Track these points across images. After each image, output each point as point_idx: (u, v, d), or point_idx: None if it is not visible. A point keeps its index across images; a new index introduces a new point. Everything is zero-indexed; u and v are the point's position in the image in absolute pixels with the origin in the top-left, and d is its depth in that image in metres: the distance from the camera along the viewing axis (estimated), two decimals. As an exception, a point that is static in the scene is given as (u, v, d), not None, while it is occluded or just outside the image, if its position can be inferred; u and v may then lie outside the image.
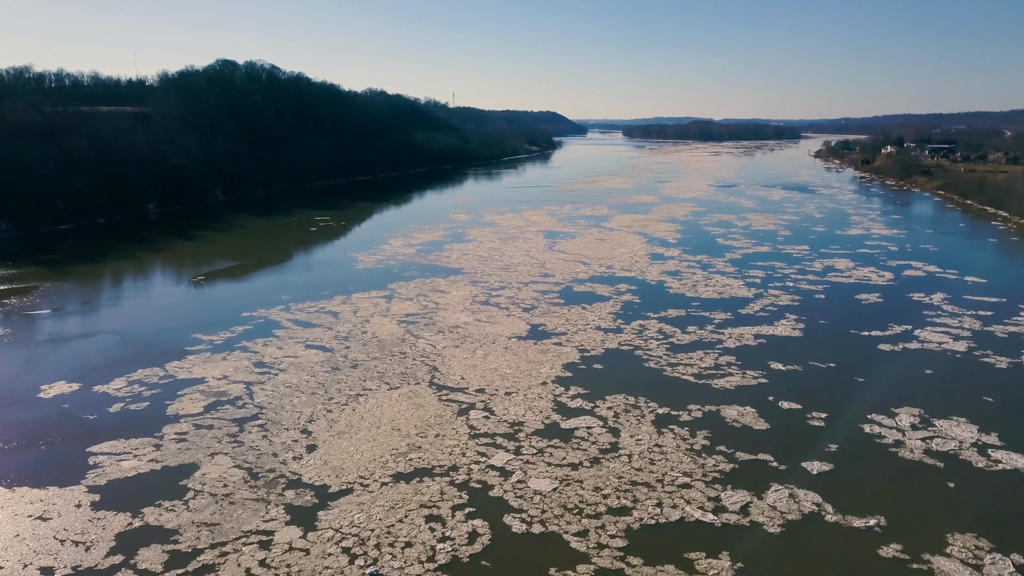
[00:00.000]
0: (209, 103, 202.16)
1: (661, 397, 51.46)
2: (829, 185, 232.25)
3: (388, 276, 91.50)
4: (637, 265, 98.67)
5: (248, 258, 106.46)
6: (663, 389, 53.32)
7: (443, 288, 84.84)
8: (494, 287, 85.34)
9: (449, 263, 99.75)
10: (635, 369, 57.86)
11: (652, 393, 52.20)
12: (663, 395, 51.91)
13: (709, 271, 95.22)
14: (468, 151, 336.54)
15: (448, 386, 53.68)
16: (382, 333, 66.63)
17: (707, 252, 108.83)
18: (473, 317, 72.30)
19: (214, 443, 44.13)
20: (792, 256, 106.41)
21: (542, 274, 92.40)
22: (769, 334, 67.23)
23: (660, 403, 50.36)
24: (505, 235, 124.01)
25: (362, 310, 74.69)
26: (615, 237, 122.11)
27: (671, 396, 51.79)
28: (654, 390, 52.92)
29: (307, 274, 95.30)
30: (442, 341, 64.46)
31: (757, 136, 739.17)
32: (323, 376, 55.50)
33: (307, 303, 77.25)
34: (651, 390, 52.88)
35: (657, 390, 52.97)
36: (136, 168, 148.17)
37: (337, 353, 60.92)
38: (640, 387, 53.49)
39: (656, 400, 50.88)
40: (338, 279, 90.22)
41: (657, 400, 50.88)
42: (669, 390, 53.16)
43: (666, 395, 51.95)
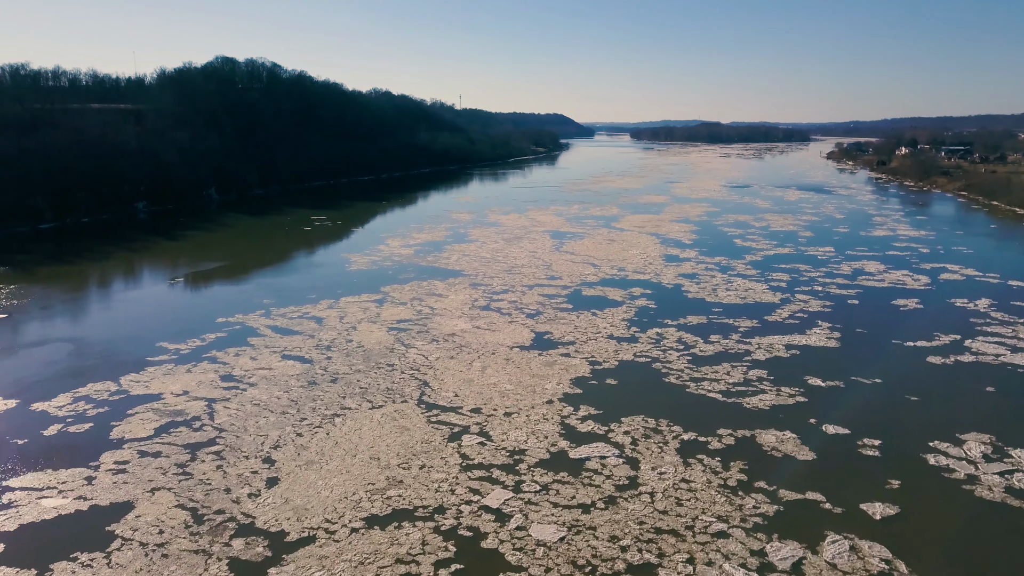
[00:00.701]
0: (205, 100, 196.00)
1: (686, 419, 44.32)
2: (846, 186, 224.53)
3: (382, 278, 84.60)
4: (651, 267, 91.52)
5: (234, 259, 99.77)
6: (687, 409, 46.18)
7: (440, 291, 77.90)
8: (496, 291, 78.36)
9: (448, 265, 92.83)
10: (654, 385, 50.73)
11: (675, 414, 45.06)
12: (688, 417, 44.77)
13: (729, 274, 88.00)
14: (474, 152, 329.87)
15: (439, 405, 46.66)
16: (369, 342, 59.67)
17: (725, 254, 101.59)
18: (472, 324, 65.32)
19: (157, 475, 37.21)
20: (817, 258, 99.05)
21: (548, 277, 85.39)
22: (802, 344, 60.00)
23: (685, 426, 43.21)
24: (509, 235, 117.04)
25: (350, 316, 67.77)
26: (626, 238, 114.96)
27: (697, 418, 44.66)
28: (677, 410, 45.79)
29: (294, 276, 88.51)
30: (436, 351, 57.46)
31: (766, 139, 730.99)
32: (297, 392, 48.55)
33: (290, 308, 70.41)
34: (673, 410, 45.74)
35: (680, 410, 45.84)
36: (125, 166, 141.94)
37: (316, 365, 53.98)
38: (661, 407, 46.37)
39: (680, 423, 43.74)
40: (327, 282, 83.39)
41: (681, 423, 43.74)
42: (694, 410, 46.03)
43: (691, 417, 44.82)
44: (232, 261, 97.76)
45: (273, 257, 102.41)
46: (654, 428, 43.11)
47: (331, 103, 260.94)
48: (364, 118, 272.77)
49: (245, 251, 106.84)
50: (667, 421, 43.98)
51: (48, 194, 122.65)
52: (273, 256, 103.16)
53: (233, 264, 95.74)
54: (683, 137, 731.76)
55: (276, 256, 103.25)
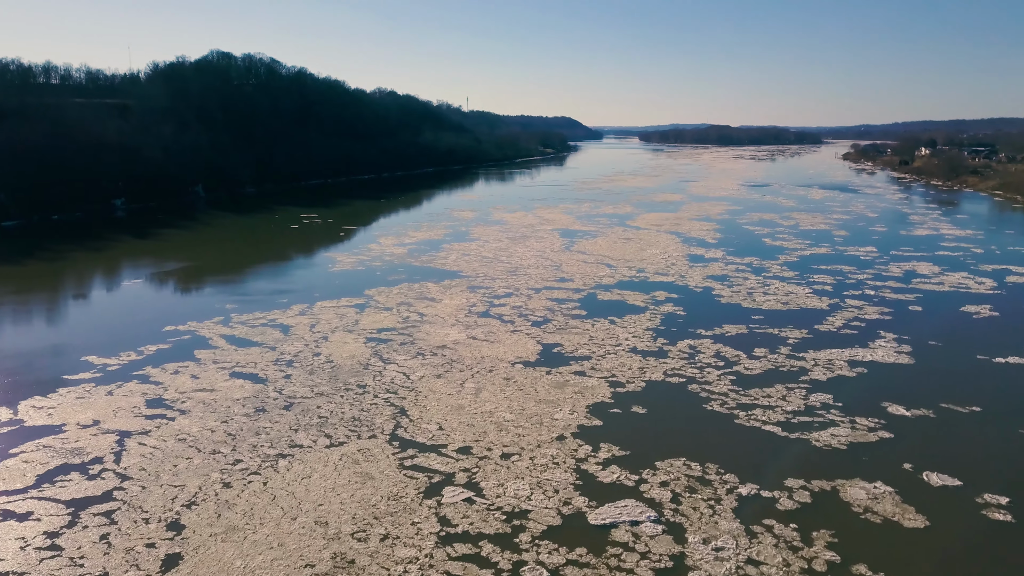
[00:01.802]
0: (198, 95, 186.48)
1: (740, 463, 33.56)
2: (870, 185, 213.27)
3: (367, 280, 74.16)
4: (674, 268, 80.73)
5: (205, 259, 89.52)
6: (740, 448, 35.44)
7: (433, 295, 67.36)
8: (497, 294, 67.79)
9: (445, 265, 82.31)
10: (694, 415, 39.99)
11: (725, 456, 34.31)
12: (742, 460, 34.03)
13: (764, 276, 77.17)
14: (480, 152, 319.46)
15: (417, 442, 36.05)
16: (340, 356, 49.13)
17: (756, 254, 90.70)
18: (466, 333, 54.71)
19: (14, 552, 26.71)
20: (860, 259, 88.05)
21: (558, 278, 74.77)
22: (868, 360, 49.13)
23: (741, 474, 32.45)
24: (514, 233, 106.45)
25: (322, 323, 57.27)
26: (643, 236, 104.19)
27: (755, 462, 33.90)
28: (727, 451, 35.03)
29: (267, 278, 78.17)
30: (420, 368, 46.87)
31: (777, 141, 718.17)
32: (238, 423, 38.03)
33: (254, 314, 59.98)
34: (723, 451, 34.98)
35: (732, 451, 35.08)
36: (104, 161, 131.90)
37: (270, 385, 43.48)
38: (705, 445, 35.63)
39: (734, 469, 32.97)
40: (304, 284, 73.04)
41: (735, 469, 32.97)
42: (749, 450, 35.29)
43: (747, 460, 34.07)
44: (202, 261, 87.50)
45: (249, 257, 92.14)
46: (700, 477, 32.36)
47: (331, 101, 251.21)
48: (366, 116, 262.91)
49: (220, 250, 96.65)
50: (716, 466, 33.21)
51: (14, 190, 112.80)
52: (249, 256, 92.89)
53: (201, 264, 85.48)
54: (693, 139, 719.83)
55: (252, 256, 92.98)
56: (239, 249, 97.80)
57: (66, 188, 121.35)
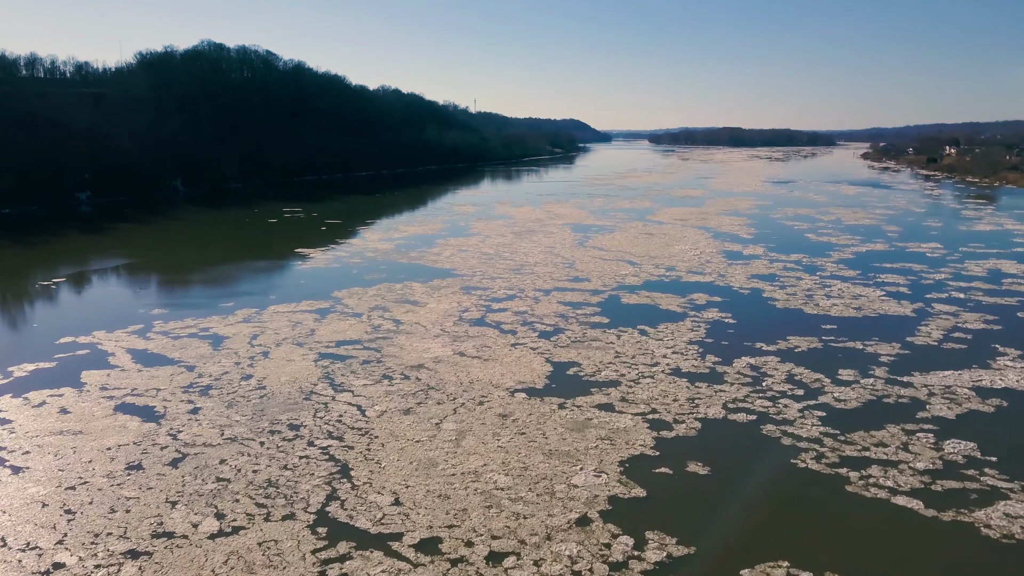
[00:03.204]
0: (183, 86, 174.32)
1: (872, 573, 20.26)
2: (902, 182, 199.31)
3: (339, 280, 61.21)
4: (710, 266, 67.43)
5: (153, 256, 76.80)
6: (870, 543, 22.14)
7: (417, 297, 54.29)
8: (496, 296, 54.68)
9: (436, 262, 69.31)
10: (780, 477, 26.70)
11: (853, 559, 21.02)
12: (882, 567, 20.72)
13: (820, 275, 63.77)
14: (486, 150, 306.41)
15: (356, 529, 22.89)
16: (278, 380, 36.08)
17: (803, 250, 77.26)
18: (452, 347, 41.60)
19: None
20: (926, 256, 74.52)
21: (570, 278, 61.61)
22: (1000, 387, 35.70)
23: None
24: (520, 228, 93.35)
25: (268, 334, 44.26)
26: (668, 231, 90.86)
27: (903, 568, 20.60)
28: (852, 547, 21.73)
29: (218, 277, 65.33)
30: (383, 399, 33.76)
31: (790, 142, 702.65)
32: (88, 491, 25.01)
33: (186, 321, 47.06)
34: (845, 548, 21.68)
35: (858, 547, 21.79)
36: (68, 152, 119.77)
37: (165, 426, 30.47)
38: (814, 537, 22.36)
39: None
40: (261, 284, 60.23)
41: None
42: (886, 546, 21.97)
43: (889, 567, 20.76)
44: (149, 258, 74.79)
45: (207, 253, 79.28)
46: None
47: (330, 96, 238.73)
48: (367, 112, 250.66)
49: (175, 247, 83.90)
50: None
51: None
52: (208, 252, 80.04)
53: (147, 262, 72.75)
54: (704, 141, 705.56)
55: (212, 252, 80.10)
56: (199, 245, 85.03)
57: (22, 180, 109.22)
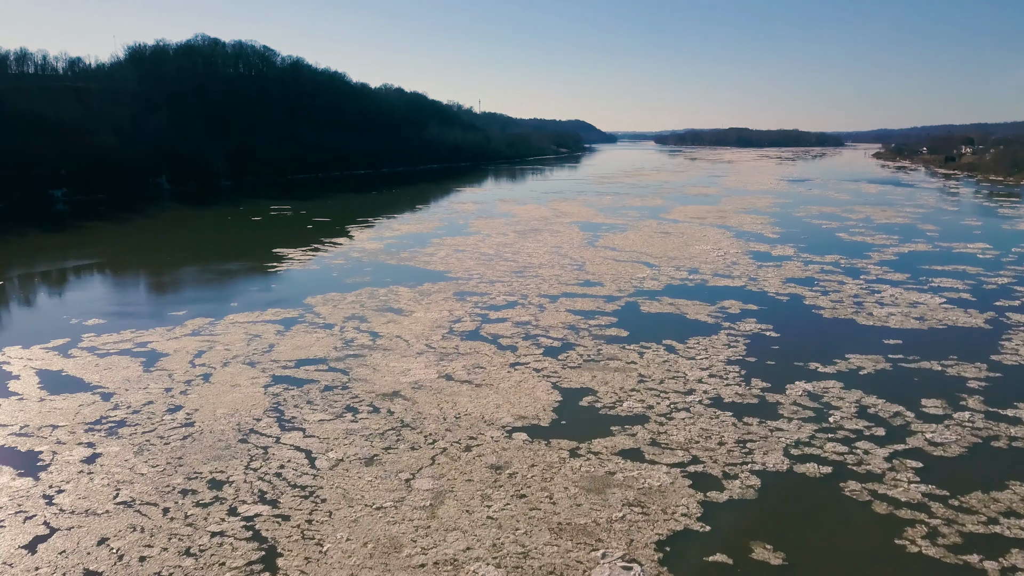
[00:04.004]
0: (174, 80, 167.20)
1: None
2: (922, 181, 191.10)
3: (315, 284, 53.56)
4: (738, 268, 59.58)
5: (111, 257, 69.23)
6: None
7: (403, 304, 46.57)
8: (495, 303, 46.92)
9: (429, 264, 61.60)
10: (884, 571, 18.87)
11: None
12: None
13: (865, 279, 55.86)
14: (489, 149, 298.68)
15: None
16: (213, 413, 28.39)
17: (837, 251, 69.33)
18: (438, 368, 33.85)
19: None
20: (977, 257, 66.55)
21: (581, 281, 53.83)
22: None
23: None
24: (524, 226, 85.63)
25: (217, 350, 36.59)
26: (685, 230, 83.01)
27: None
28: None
29: (178, 280, 57.72)
30: (341, 441, 26.02)
31: (798, 143, 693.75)
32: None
33: (123, 333, 39.42)
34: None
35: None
36: (41, 147, 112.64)
37: (39, 485, 22.79)
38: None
39: None
40: (224, 289, 52.68)
41: None
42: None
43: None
44: (106, 259, 67.20)
45: (176, 254, 71.56)
46: None
47: (329, 92, 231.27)
48: (367, 110, 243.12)
49: (143, 246, 76.25)
50: None
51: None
52: (177, 252, 72.35)
53: (102, 263, 65.18)
54: (711, 141, 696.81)
55: (181, 252, 72.40)
56: (168, 245, 77.35)
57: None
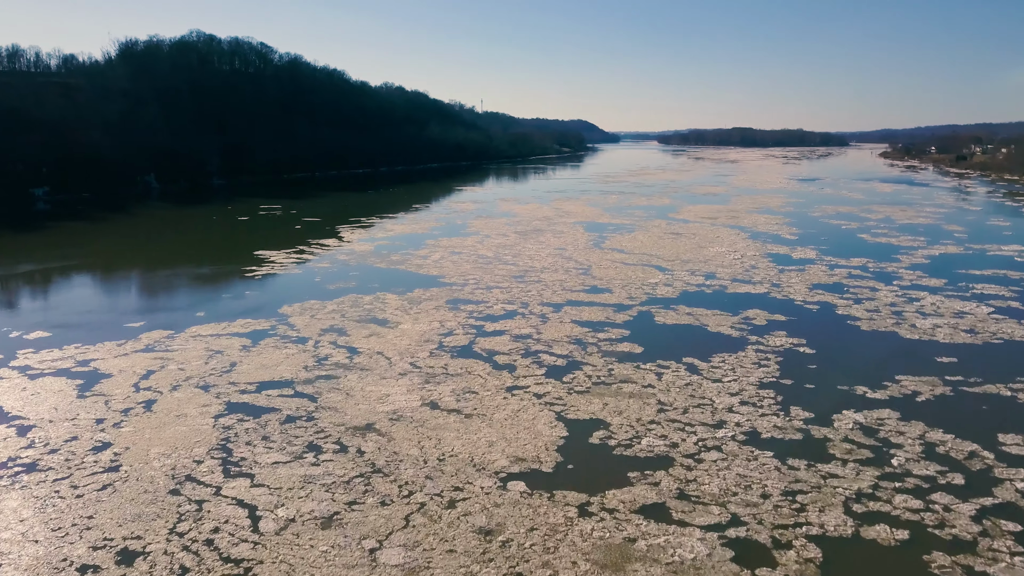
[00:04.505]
0: (166, 77, 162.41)
1: None
2: (936, 180, 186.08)
3: (294, 290, 48.66)
4: (758, 272, 54.56)
5: (78, 259, 64.35)
6: None
7: (388, 314, 41.62)
8: (492, 313, 41.97)
9: (422, 267, 56.66)
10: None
11: None
12: None
13: (898, 284, 50.86)
14: (491, 148, 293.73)
15: None
16: (144, 454, 23.44)
17: (862, 253, 64.30)
18: (421, 393, 28.91)
19: None
20: (1015, 261, 61.53)
21: (587, 287, 48.86)
22: None
23: None
24: (525, 227, 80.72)
25: (169, 369, 31.67)
26: (697, 231, 78.00)
27: None
28: None
29: (142, 286, 52.86)
30: (294, 494, 21.04)
31: (802, 143, 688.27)
32: None
33: (65, 349, 34.51)
34: None
35: None
36: (22, 144, 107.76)
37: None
38: None
39: None
40: (192, 296, 47.84)
41: None
42: None
43: None
44: (70, 262, 62.23)
45: (148, 256, 66.54)
46: None
47: (327, 90, 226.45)
48: (367, 108, 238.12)
49: (115, 248, 71.31)
50: None
51: None
52: (150, 255, 67.34)
53: (63, 267, 60.15)
54: (714, 141, 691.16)
55: (155, 255, 67.37)
56: (143, 247, 72.35)
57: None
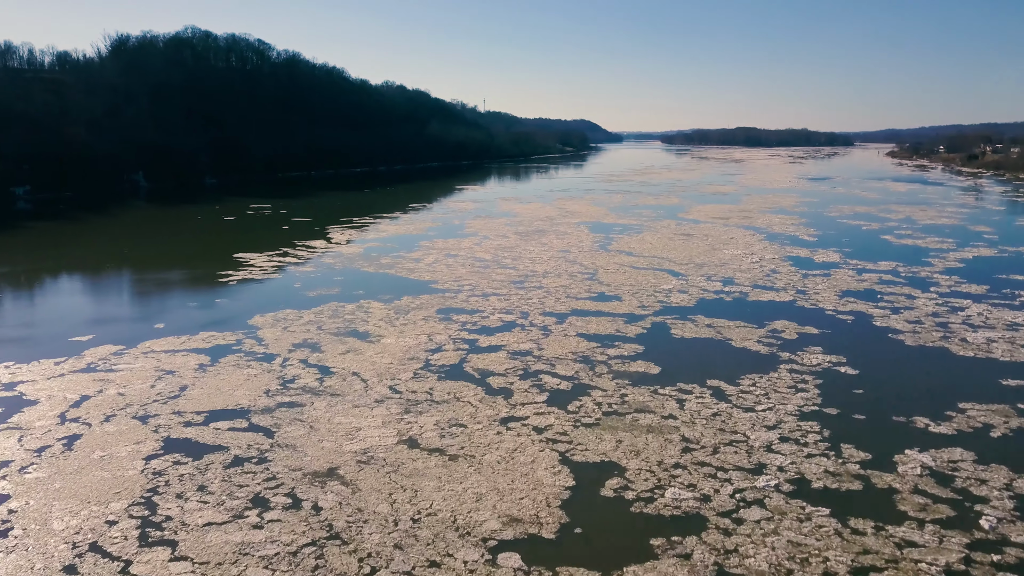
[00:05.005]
0: (159, 74, 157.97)
1: None
2: (949, 179, 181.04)
3: (270, 298, 44.02)
4: (780, 278, 49.81)
5: (36, 263, 59.73)
6: None
7: (371, 325, 36.94)
8: (487, 324, 37.27)
9: (413, 272, 51.98)
10: None
11: None
12: None
13: (936, 291, 46.07)
14: (493, 147, 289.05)
15: None
16: (42, 514, 18.75)
17: (889, 256, 59.49)
18: (397, 427, 24.19)
19: None
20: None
21: (593, 294, 44.13)
22: None
23: None
24: (526, 227, 76.06)
25: (108, 394, 27.01)
26: (709, 232, 73.24)
27: None
28: None
29: (100, 293, 48.28)
30: (224, 570, 16.36)
31: (807, 143, 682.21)
32: None
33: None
34: None
35: None
36: (8, 142, 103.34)
37: None
38: None
39: None
40: (155, 305, 43.23)
41: None
42: None
43: None
44: (26, 266, 57.59)
45: (117, 259, 61.79)
46: None
47: (325, 88, 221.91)
48: (366, 106, 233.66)
49: (83, 250, 66.66)
50: None
51: None
52: (119, 257, 62.60)
53: (13, 271, 55.55)
54: (718, 141, 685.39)
55: (124, 257, 62.57)
56: (113, 249, 67.55)
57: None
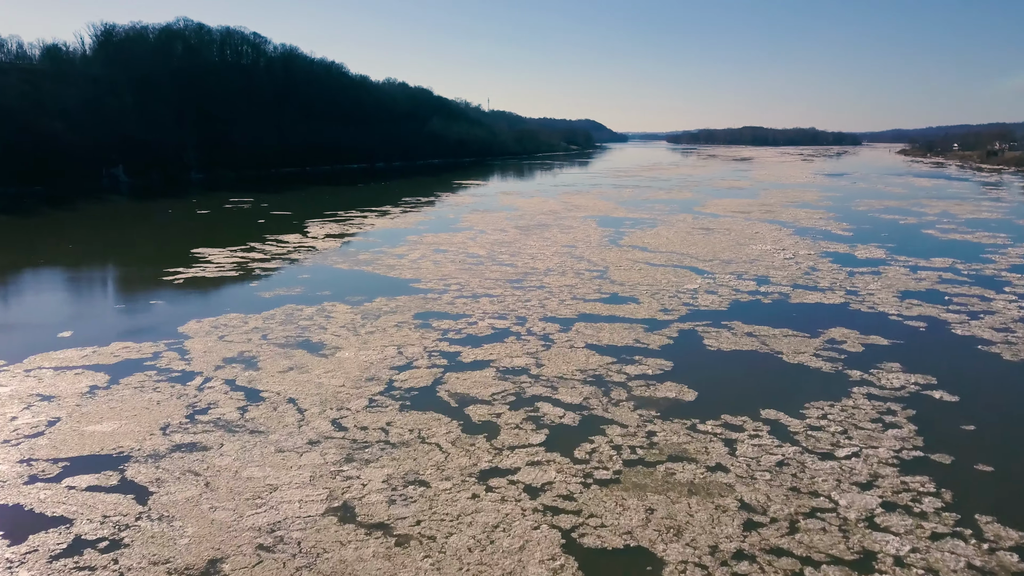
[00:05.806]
0: (144, 64, 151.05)
1: None
2: (971, 175, 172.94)
3: (216, 299, 36.80)
4: (822, 277, 42.31)
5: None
6: None
7: (330, 333, 29.61)
8: (474, 332, 29.88)
9: (394, 269, 44.65)
10: None
11: None
12: None
13: (1012, 292, 38.59)
14: (496, 144, 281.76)
15: None
16: None
17: (941, 252, 51.97)
18: (330, 484, 16.80)
19: None
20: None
21: (604, 295, 36.73)
22: None
23: None
24: (528, 221, 68.72)
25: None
26: (731, 226, 65.75)
27: None
28: None
29: (18, 293, 40.94)
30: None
31: (815, 142, 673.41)
32: None
33: None
34: None
35: None
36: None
37: None
38: None
39: None
40: (72, 307, 36.05)
41: None
42: None
43: None
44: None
45: (53, 255, 54.42)
46: None
47: (322, 83, 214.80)
48: (366, 103, 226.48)
49: (20, 246, 59.51)
50: None
51: None
52: (56, 253, 55.22)
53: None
54: (726, 140, 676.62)
55: (63, 253, 55.25)
56: (55, 245, 60.25)
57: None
